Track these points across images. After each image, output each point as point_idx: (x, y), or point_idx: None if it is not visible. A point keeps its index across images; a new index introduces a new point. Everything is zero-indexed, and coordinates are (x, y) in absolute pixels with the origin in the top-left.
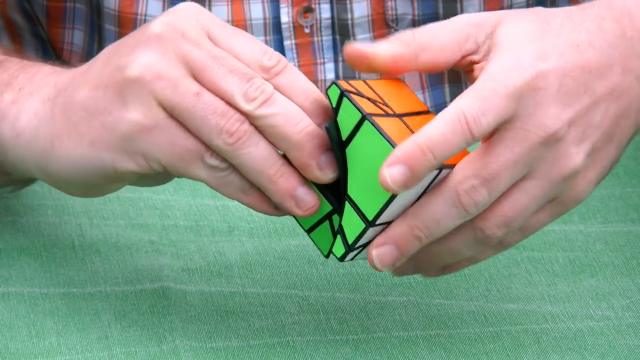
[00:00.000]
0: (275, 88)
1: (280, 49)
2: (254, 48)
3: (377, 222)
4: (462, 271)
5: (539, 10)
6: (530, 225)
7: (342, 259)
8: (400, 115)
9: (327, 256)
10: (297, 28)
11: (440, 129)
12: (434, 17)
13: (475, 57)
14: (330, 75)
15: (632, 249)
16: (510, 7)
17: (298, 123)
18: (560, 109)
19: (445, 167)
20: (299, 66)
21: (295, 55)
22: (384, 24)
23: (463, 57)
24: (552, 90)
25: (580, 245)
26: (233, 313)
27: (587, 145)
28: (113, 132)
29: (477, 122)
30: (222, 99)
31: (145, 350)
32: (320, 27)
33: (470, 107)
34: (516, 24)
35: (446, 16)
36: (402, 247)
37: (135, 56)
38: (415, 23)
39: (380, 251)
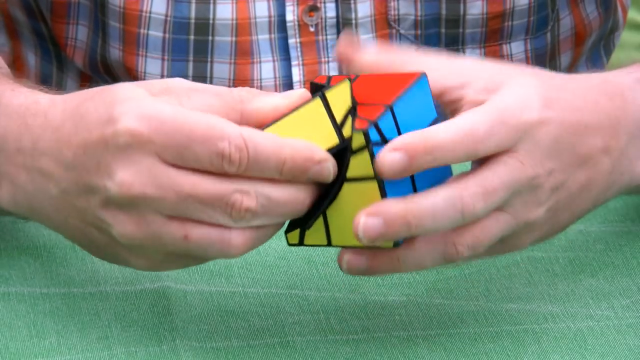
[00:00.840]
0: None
1: (285, 47)
2: (212, 156)
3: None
4: (462, 271)
5: (539, 71)
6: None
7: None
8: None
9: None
10: (302, 26)
11: (451, 136)
12: (436, 18)
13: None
14: (334, 74)
15: (632, 249)
16: (513, 9)
17: (288, 212)
18: (549, 157)
19: None
20: (303, 65)
21: (299, 53)
22: (386, 24)
23: (450, 99)
24: (550, 137)
25: (580, 245)
26: (233, 313)
27: (552, 201)
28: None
29: (485, 141)
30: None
31: (145, 350)
32: (325, 26)
33: (481, 124)
34: (520, 80)
35: (449, 16)
36: (390, 227)
37: (109, 219)
38: (417, 23)
39: (368, 220)
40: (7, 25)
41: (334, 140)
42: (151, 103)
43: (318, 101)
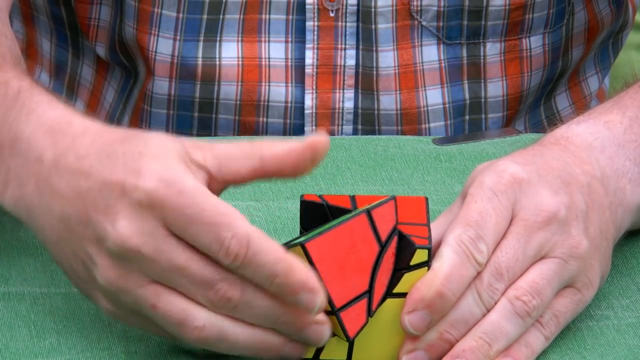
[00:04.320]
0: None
1: (302, 29)
2: (212, 241)
3: None
4: None
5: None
6: (558, 309)
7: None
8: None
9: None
10: (321, 10)
11: (449, 266)
12: (459, 10)
13: None
14: (351, 62)
15: (631, 248)
16: (534, 0)
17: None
18: (550, 193)
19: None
20: (318, 48)
21: (315, 37)
22: (408, 15)
23: None
24: (534, 179)
25: None
26: None
27: (582, 225)
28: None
29: (477, 249)
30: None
31: (146, 350)
32: (346, 12)
33: (465, 235)
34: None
35: (471, 8)
36: (433, 351)
37: (96, 259)
38: (440, 15)
39: (410, 357)
40: (23, 11)
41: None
42: (177, 170)
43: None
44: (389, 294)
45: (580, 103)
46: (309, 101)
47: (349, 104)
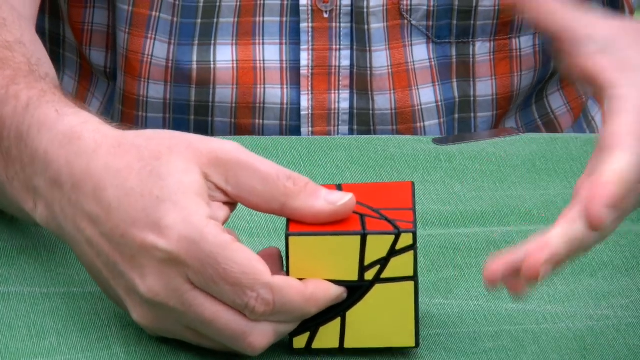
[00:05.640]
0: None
1: (296, 31)
2: (236, 300)
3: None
4: (462, 271)
5: None
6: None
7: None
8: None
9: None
10: (315, 12)
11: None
12: (448, 9)
13: None
14: (346, 63)
15: (631, 248)
16: None
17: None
18: None
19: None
20: (313, 50)
21: (310, 38)
22: (398, 14)
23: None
24: None
25: None
26: None
27: None
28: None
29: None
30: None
31: (145, 350)
32: (340, 13)
33: None
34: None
35: (461, 8)
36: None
37: (129, 306)
38: (429, 14)
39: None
40: None
41: (353, 276)
42: (197, 221)
43: (357, 239)
44: (377, 280)
45: (576, 102)
46: (305, 102)
47: (345, 105)
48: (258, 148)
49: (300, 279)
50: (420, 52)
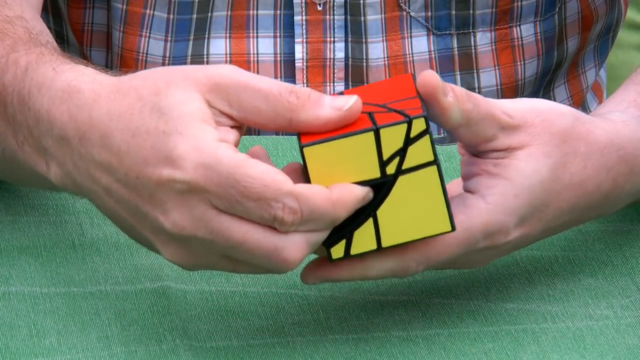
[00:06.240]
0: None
1: (290, 23)
2: (263, 215)
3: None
4: (462, 271)
5: (564, 149)
6: None
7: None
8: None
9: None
10: (309, 5)
11: None
12: (446, 0)
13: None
14: (340, 55)
15: (631, 248)
16: None
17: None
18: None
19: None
20: (307, 42)
21: (304, 31)
22: (396, 6)
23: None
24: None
25: (580, 245)
26: (233, 313)
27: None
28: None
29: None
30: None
31: (145, 350)
32: (333, 6)
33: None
34: (532, 165)
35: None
36: None
37: (158, 244)
38: (427, 5)
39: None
40: None
41: (375, 174)
42: (208, 145)
43: (370, 135)
44: (400, 172)
45: (578, 96)
46: None
47: None
48: (267, 143)
49: None
50: (421, 44)
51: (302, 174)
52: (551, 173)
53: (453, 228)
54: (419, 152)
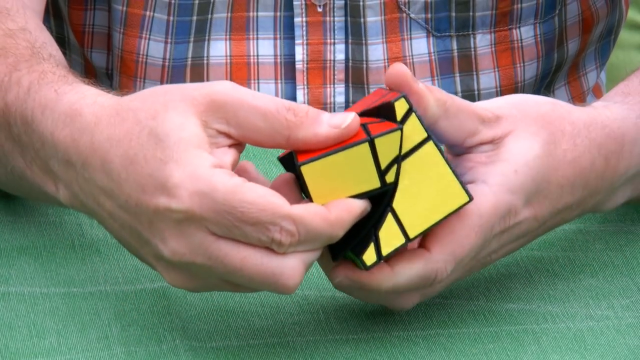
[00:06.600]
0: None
1: (290, 25)
2: (261, 238)
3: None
4: None
5: (550, 129)
6: None
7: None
8: None
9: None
10: (309, 6)
11: None
12: (446, 1)
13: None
14: (340, 56)
15: (632, 248)
16: None
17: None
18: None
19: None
20: (308, 44)
21: (304, 33)
22: (396, 7)
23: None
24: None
25: (580, 245)
26: (233, 312)
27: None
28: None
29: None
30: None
31: (145, 350)
32: (333, 7)
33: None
34: (523, 143)
35: (458, 1)
36: None
37: (159, 270)
38: (427, 6)
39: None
40: None
41: (375, 184)
42: (204, 172)
43: (365, 146)
44: (400, 158)
45: (579, 98)
46: (300, 97)
47: (340, 99)
48: (257, 148)
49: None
50: (420, 46)
51: (294, 185)
52: (544, 148)
53: (470, 197)
54: (411, 132)
